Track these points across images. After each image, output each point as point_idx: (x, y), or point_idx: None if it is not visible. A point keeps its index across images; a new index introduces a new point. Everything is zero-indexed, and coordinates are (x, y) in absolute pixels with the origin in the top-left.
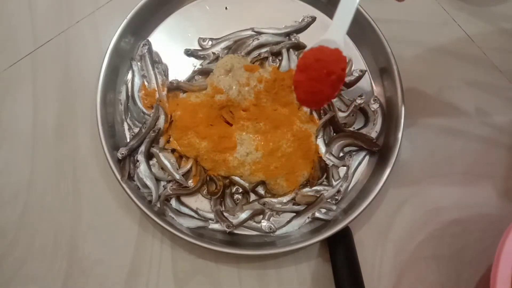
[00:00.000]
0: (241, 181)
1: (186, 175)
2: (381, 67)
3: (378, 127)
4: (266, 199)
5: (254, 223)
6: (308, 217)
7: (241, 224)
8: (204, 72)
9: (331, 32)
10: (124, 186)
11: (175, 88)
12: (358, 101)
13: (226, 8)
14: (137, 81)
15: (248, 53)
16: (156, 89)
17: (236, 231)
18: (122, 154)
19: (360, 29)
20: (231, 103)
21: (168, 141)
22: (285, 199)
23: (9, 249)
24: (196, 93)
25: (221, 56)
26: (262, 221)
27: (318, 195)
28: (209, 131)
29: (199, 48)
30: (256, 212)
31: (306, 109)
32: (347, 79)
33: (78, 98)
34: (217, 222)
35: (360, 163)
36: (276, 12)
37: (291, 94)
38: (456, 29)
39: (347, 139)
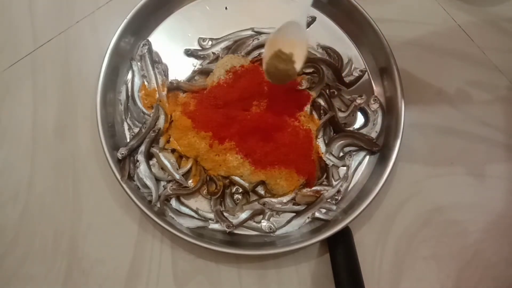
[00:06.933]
0: (241, 181)
1: (186, 175)
2: (381, 67)
3: (378, 127)
4: (266, 199)
5: (254, 223)
6: (308, 217)
7: (241, 224)
8: (204, 72)
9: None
10: (124, 186)
11: (175, 88)
12: (358, 101)
13: (226, 8)
14: (137, 81)
15: (248, 53)
16: (156, 89)
17: (236, 231)
18: (122, 154)
19: (360, 29)
20: (231, 103)
21: (168, 141)
22: (285, 199)
23: (9, 249)
24: (196, 93)
25: (221, 56)
26: (262, 221)
27: (318, 195)
28: (209, 131)
29: (199, 48)
30: (256, 212)
31: (306, 109)
32: (347, 79)
33: (78, 98)
34: (217, 222)
35: (360, 163)
36: (276, 12)
37: (291, 94)
38: (456, 29)
39: (347, 139)
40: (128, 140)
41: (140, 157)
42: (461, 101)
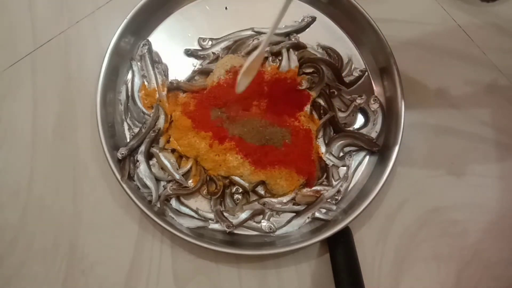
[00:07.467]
0: (241, 181)
1: (186, 175)
2: (381, 67)
3: (378, 127)
4: (266, 199)
5: (254, 223)
6: (308, 217)
7: (241, 224)
8: (204, 72)
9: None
10: (124, 186)
11: (175, 88)
12: (358, 101)
13: (226, 8)
14: (137, 81)
15: (248, 53)
16: (156, 89)
17: (236, 231)
18: (122, 154)
19: (360, 29)
20: (231, 103)
21: (168, 141)
22: (285, 199)
23: (9, 249)
24: (196, 93)
25: (221, 56)
26: (262, 221)
27: (318, 195)
28: (209, 131)
29: (199, 48)
30: (256, 212)
31: (306, 109)
32: (347, 79)
33: (78, 98)
34: (217, 222)
35: (360, 163)
36: (276, 12)
37: (291, 94)
38: (456, 29)
39: (347, 139)
40: (128, 140)
41: (140, 157)
42: (461, 101)
